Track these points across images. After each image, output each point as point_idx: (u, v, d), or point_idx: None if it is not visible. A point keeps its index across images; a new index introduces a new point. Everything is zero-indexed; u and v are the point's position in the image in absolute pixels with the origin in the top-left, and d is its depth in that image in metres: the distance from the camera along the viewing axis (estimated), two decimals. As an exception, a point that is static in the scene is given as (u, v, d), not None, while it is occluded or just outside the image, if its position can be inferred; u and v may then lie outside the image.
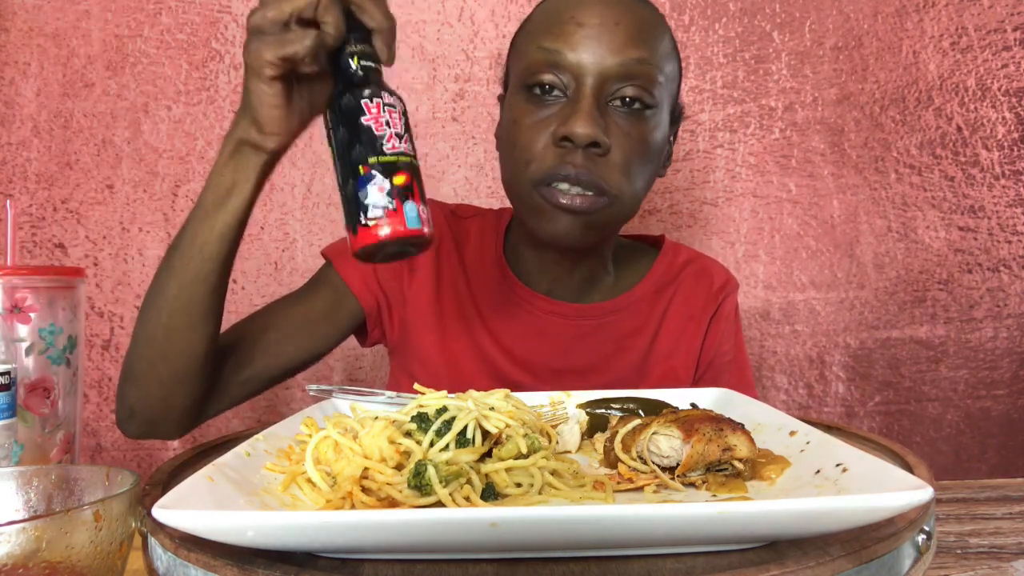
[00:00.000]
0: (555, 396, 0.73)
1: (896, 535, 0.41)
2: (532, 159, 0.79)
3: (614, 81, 0.77)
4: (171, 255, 0.70)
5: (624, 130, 0.78)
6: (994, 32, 1.36)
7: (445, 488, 0.46)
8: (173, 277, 0.69)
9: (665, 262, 0.96)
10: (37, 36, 1.31)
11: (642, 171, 0.81)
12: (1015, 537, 0.64)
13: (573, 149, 0.76)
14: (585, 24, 0.77)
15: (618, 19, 0.77)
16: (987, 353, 1.39)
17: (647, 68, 0.78)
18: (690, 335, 0.93)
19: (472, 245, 0.94)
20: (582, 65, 0.77)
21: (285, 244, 1.36)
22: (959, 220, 1.39)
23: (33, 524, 0.41)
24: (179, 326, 0.70)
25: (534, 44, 0.81)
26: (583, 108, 0.76)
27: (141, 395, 0.74)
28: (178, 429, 0.78)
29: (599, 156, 0.77)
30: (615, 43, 0.77)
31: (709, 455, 0.52)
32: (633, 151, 0.79)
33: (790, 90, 1.38)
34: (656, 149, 0.82)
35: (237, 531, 0.38)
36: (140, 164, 1.33)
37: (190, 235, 0.68)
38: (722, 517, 0.37)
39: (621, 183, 0.79)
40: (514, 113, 0.82)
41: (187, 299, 0.69)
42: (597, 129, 0.75)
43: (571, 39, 0.77)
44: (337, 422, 0.54)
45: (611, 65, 0.77)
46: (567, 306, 0.91)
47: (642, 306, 0.93)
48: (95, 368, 1.32)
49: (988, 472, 1.41)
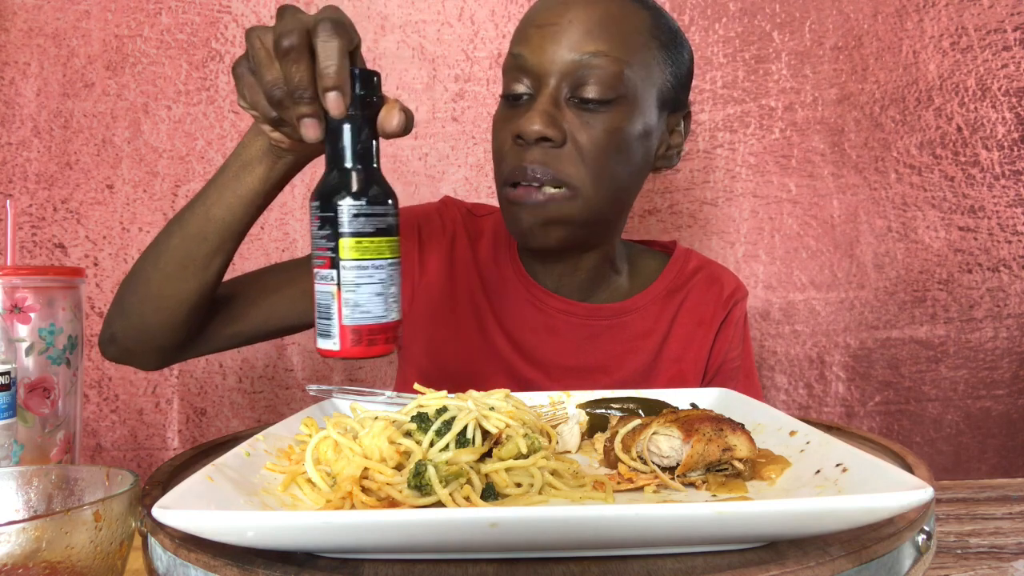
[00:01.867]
0: (555, 396, 0.73)
1: (896, 535, 0.41)
2: (501, 160, 0.83)
3: (572, 76, 0.79)
4: (185, 208, 0.72)
5: (583, 121, 0.79)
6: (994, 32, 1.36)
7: (445, 488, 0.46)
8: (179, 227, 0.72)
9: (676, 267, 0.96)
10: (37, 36, 1.31)
11: (608, 162, 0.81)
12: (1015, 537, 0.64)
13: (527, 145, 0.79)
14: (544, 24, 0.80)
15: (572, 17, 0.79)
16: (987, 353, 1.39)
17: (605, 60, 0.78)
18: (699, 340, 0.94)
19: (486, 242, 0.95)
20: (542, 65, 0.79)
21: (285, 244, 1.36)
22: (959, 220, 1.39)
23: (33, 524, 0.41)
24: (173, 274, 0.72)
25: (509, 52, 0.84)
26: (536, 106, 0.78)
27: (125, 325, 0.77)
28: (154, 363, 0.82)
29: (554, 148, 0.79)
30: (571, 40, 0.79)
31: (709, 455, 0.52)
32: (594, 142, 0.79)
33: (790, 90, 1.38)
34: (628, 140, 0.81)
35: (237, 531, 0.38)
36: (140, 164, 1.33)
37: (203, 195, 0.70)
38: (722, 517, 0.37)
39: (580, 173, 0.79)
40: (494, 120, 0.86)
41: (186, 252, 0.71)
42: (544, 123, 0.77)
43: (531, 42, 0.80)
44: (337, 422, 0.54)
45: (568, 61, 0.78)
46: (578, 305, 0.92)
47: (653, 309, 0.94)
48: (95, 368, 1.32)
49: (988, 472, 1.41)
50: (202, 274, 0.72)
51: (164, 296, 0.73)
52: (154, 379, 1.34)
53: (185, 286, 0.72)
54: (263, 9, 1.34)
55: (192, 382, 1.35)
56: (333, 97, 0.50)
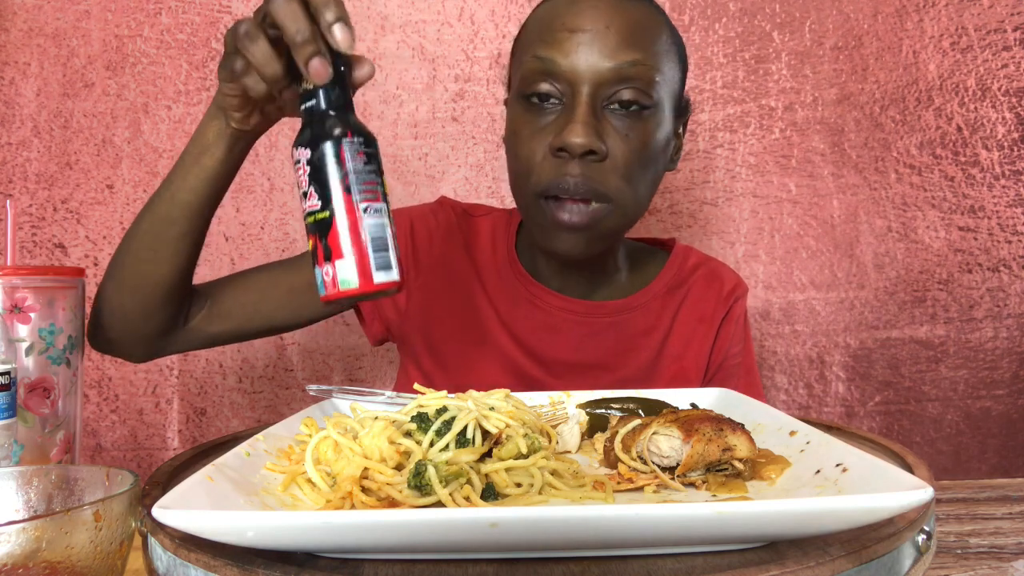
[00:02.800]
0: (555, 396, 0.73)
1: (896, 535, 0.41)
2: (532, 171, 0.80)
3: (609, 85, 0.77)
4: (153, 195, 0.75)
5: (622, 133, 0.78)
6: (994, 32, 1.36)
7: (445, 488, 0.46)
8: (148, 212, 0.75)
9: (676, 264, 0.96)
10: (37, 36, 1.31)
11: (644, 173, 0.81)
12: (1015, 537, 0.64)
13: (570, 159, 0.77)
14: (576, 30, 0.77)
15: (608, 22, 0.77)
16: (987, 353, 1.39)
17: (642, 69, 0.78)
18: (701, 337, 0.94)
19: (483, 241, 0.96)
20: (576, 72, 0.77)
21: (285, 244, 1.36)
22: (959, 220, 1.39)
23: (33, 524, 0.41)
24: (146, 258, 0.75)
25: (529, 53, 0.81)
26: (577, 117, 0.76)
27: (106, 312, 0.79)
28: (140, 354, 0.84)
29: (597, 162, 0.78)
30: (607, 47, 0.77)
31: (709, 455, 0.52)
32: (632, 154, 0.79)
33: (790, 90, 1.38)
34: (658, 148, 0.82)
35: (237, 531, 0.38)
36: (140, 164, 1.33)
37: (168, 179, 0.73)
38: (722, 517, 0.37)
39: (622, 187, 0.79)
40: (515, 123, 0.83)
41: (154, 235, 0.74)
42: (592, 137, 0.76)
43: (563, 46, 0.77)
44: (337, 422, 0.54)
45: (605, 70, 0.77)
46: (579, 303, 0.92)
47: (653, 306, 0.94)
48: (95, 368, 1.32)
49: (988, 472, 1.41)
50: (173, 258, 0.75)
51: (138, 279, 0.76)
52: (154, 379, 1.34)
53: (157, 269, 0.75)
54: (263, 9, 1.34)
55: (192, 382, 1.35)
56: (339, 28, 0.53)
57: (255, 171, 1.35)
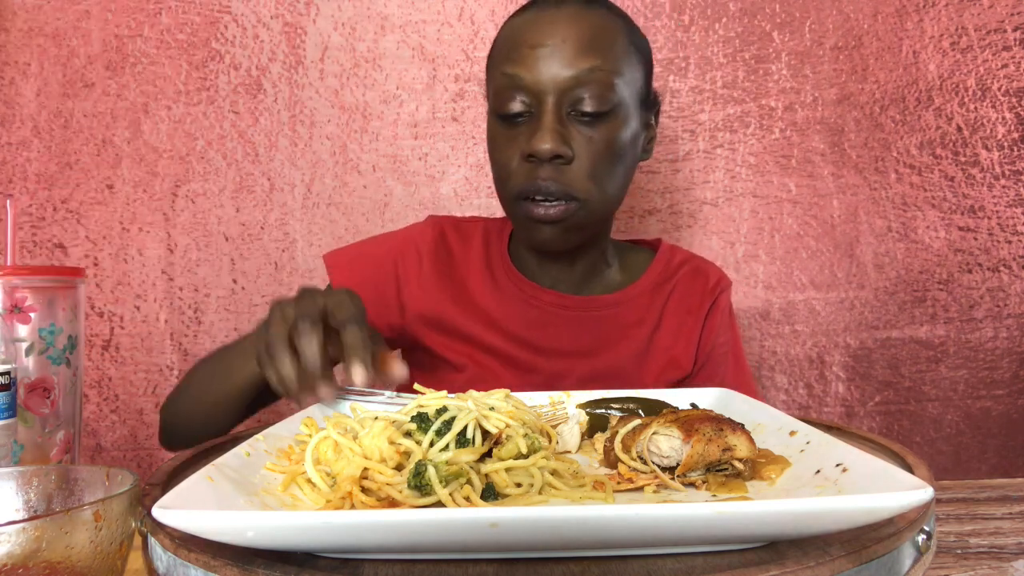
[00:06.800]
0: (555, 396, 0.73)
1: (896, 535, 0.41)
2: (509, 176, 0.88)
3: (570, 93, 0.84)
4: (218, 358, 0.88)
5: (587, 136, 0.85)
6: (994, 32, 1.36)
7: (445, 488, 0.46)
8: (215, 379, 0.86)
9: (663, 262, 1.02)
10: (37, 36, 1.31)
11: (611, 171, 0.87)
12: (1015, 537, 0.64)
13: (539, 164, 0.84)
14: (537, 45, 0.84)
15: (565, 35, 0.84)
16: (987, 353, 1.39)
17: (600, 74, 0.84)
18: (689, 328, 0.99)
19: (475, 250, 1.00)
20: (540, 84, 0.84)
21: (285, 244, 1.36)
22: (959, 220, 1.39)
23: (33, 524, 0.41)
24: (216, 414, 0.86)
25: (498, 70, 0.88)
26: (544, 125, 0.83)
27: (179, 430, 0.91)
28: None
29: (565, 165, 0.84)
30: (566, 57, 0.83)
31: (709, 455, 0.52)
32: (598, 155, 0.85)
33: (790, 90, 1.38)
34: (624, 146, 0.88)
35: (237, 531, 0.38)
36: (140, 164, 1.33)
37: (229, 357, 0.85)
38: (722, 517, 0.37)
39: (589, 187, 0.86)
40: (492, 133, 0.91)
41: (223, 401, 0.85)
42: (557, 143, 0.83)
43: (527, 62, 0.85)
44: (337, 422, 0.54)
45: (565, 79, 0.83)
46: (570, 298, 0.97)
47: (642, 301, 0.99)
48: (95, 368, 1.32)
49: (988, 472, 1.41)
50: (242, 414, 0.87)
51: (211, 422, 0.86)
52: (154, 379, 1.34)
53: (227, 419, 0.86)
54: (263, 9, 1.34)
55: (192, 382, 1.35)
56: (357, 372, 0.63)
57: (255, 171, 1.35)
